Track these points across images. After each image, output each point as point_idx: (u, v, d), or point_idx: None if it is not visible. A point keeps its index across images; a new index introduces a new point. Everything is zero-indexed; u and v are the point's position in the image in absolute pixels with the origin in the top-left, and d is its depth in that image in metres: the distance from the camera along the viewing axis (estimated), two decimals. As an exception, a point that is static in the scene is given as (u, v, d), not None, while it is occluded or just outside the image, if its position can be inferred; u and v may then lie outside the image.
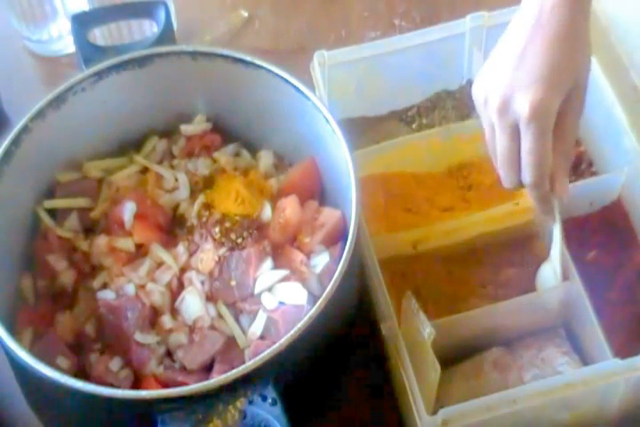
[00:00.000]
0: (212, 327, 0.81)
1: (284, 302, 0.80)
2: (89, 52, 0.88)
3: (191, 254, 0.84)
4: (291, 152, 0.91)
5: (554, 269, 0.85)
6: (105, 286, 0.83)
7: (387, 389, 0.89)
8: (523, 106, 0.73)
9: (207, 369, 0.80)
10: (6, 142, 0.82)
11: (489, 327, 0.86)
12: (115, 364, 0.79)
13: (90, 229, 0.87)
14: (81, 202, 0.88)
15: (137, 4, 0.91)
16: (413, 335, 0.80)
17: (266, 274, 0.82)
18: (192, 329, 0.81)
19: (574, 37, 0.74)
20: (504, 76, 0.75)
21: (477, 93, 0.77)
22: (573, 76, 0.75)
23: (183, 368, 0.80)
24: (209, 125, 0.92)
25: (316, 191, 0.89)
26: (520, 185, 0.79)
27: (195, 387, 0.72)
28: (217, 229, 0.84)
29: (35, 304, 0.84)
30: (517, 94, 0.74)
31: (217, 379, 0.72)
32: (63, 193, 0.88)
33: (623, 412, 0.86)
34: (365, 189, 0.82)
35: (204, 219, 0.85)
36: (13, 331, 0.76)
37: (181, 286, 0.83)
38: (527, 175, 0.77)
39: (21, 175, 0.84)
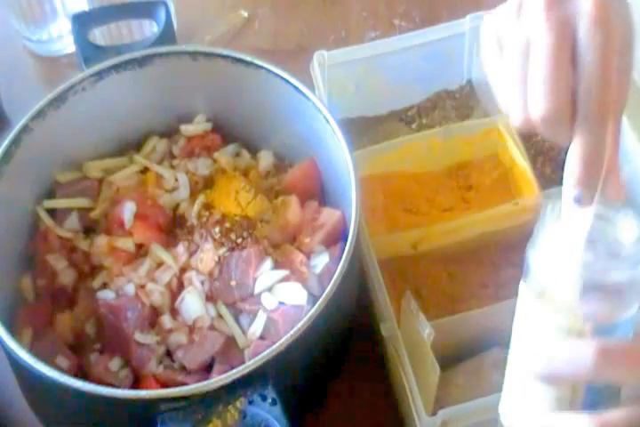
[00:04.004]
0: (212, 327, 0.81)
1: (283, 302, 0.80)
2: (89, 52, 0.88)
3: (191, 254, 0.84)
4: (291, 152, 0.91)
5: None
6: (105, 285, 0.83)
7: (386, 389, 0.89)
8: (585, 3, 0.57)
9: (207, 369, 0.80)
10: (6, 142, 0.82)
11: (489, 328, 0.85)
12: (114, 364, 0.79)
13: (90, 229, 0.87)
14: (81, 202, 0.88)
15: (137, 3, 0.91)
16: (413, 336, 0.80)
17: (266, 274, 0.82)
18: (192, 329, 0.81)
19: None
20: None
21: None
22: None
23: (183, 368, 0.80)
24: (209, 125, 0.92)
25: (316, 191, 0.89)
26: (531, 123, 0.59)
27: (195, 387, 0.72)
28: (217, 229, 0.84)
29: (34, 304, 0.84)
30: None
31: (217, 379, 0.72)
32: (63, 193, 0.88)
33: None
34: (365, 189, 0.81)
35: (204, 219, 0.85)
36: (13, 331, 0.76)
37: (181, 286, 0.83)
38: (538, 102, 0.57)
39: (21, 175, 0.84)
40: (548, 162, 0.99)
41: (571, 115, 0.57)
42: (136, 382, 0.79)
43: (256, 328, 0.80)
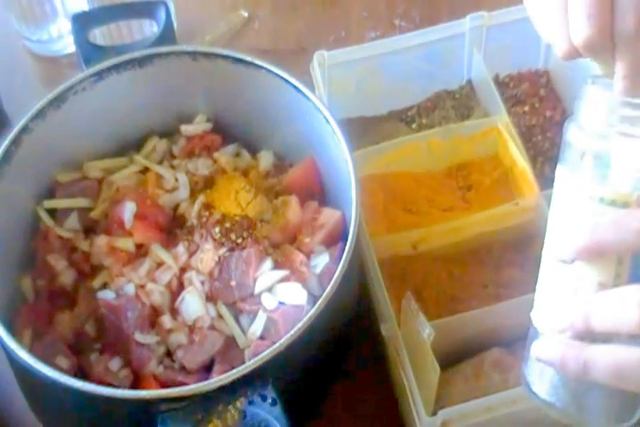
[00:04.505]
0: (212, 327, 0.81)
1: (283, 302, 0.80)
2: (89, 52, 0.88)
3: (191, 254, 0.84)
4: (291, 152, 0.91)
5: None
6: (105, 285, 0.83)
7: (386, 389, 0.89)
8: None
9: (207, 369, 0.80)
10: (6, 142, 0.82)
11: (489, 328, 0.85)
12: (114, 364, 0.79)
13: (90, 229, 0.87)
14: (81, 202, 0.88)
15: (137, 3, 0.91)
16: (413, 336, 0.80)
17: (266, 274, 0.82)
18: (192, 329, 0.81)
19: None
20: None
21: None
22: None
23: (183, 368, 0.80)
24: (209, 126, 0.92)
25: (316, 191, 0.89)
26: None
27: (195, 387, 0.72)
28: (217, 230, 0.84)
29: (34, 304, 0.84)
30: None
31: (217, 379, 0.72)
32: (63, 193, 0.88)
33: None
34: (365, 189, 0.81)
35: (204, 219, 0.85)
36: (13, 331, 0.76)
37: (181, 286, 0.83)
38: (578, 27, 0.57)
39: (21, 175, 0.84)
40: (547, 162, 0.99)
41: (612, 37, 0.57)
42: (136, 382, 0.79)
43: (256, 328, 0.80)
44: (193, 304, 0.81)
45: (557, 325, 0.58)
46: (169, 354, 0.81)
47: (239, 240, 0.84)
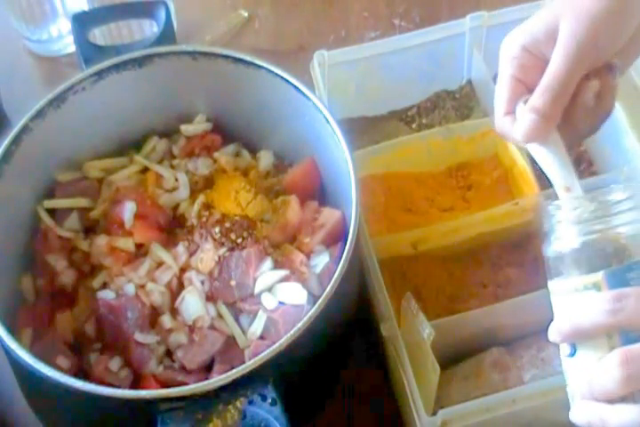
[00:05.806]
0: (212, 327, 0.81)
1: (283, 302, 0.80)
2: (89, 52, 0.88)
3: (191, 254, 0.84)
4: (291, 152, 0.91)
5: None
6: (105, 285, 0.83)
7: (386, 389, 0.89)
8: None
9: (207, 369, 0.80)
10: (6, 142, 0.82)
11: (489, 328, 0.85)
12: (114, 364, 0.79)
13: (90, 229, 0.87)
14: (81, 202, 0.88)
15: (137, 3, 0.91)
16: (413, 336, 0.80)
17: (266, 274, 0.82)
18: (192, 329, 0.81)
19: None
20: None
21: None
22: (548, 20, 0.73)
23: (183, 368, 0.80)
24: (209, 125, 0.92)
25: (316, 191, 0.89)
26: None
27: (195, 387, 0.72)
28: (217, 229, 0.84)
29: (35, 304, 0.84)
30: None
31: (217, 379, 0.72)
32: (63, 193, 0.88)
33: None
34: (365, 189, 0.81)
35: (204, 219, 0.85)
36: (13, 331, 0.76)
37: (181, 286, 0.83)
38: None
39: (21, 175, 0.84)
40: (547, 162, 0.99)
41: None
42: (136, 382, 0.79)
43: (256, 328, 0.80)
44: (193, 304, 0.81)
45: (577, 397, 0.66)
46: (169, 354, 0.81)
47: (239, 240, 0.84)
